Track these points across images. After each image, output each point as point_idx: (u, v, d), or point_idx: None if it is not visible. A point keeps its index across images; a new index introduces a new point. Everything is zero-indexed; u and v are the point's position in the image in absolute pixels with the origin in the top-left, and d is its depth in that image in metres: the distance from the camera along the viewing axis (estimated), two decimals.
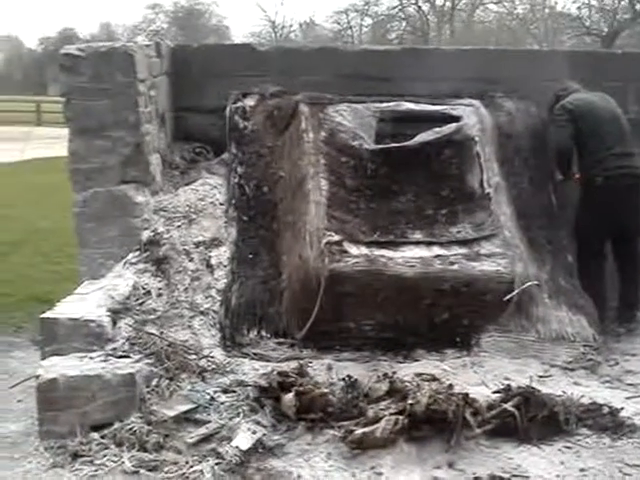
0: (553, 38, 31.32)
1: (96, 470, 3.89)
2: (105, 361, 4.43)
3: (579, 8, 30.67)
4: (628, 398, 4.87)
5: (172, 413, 4.25)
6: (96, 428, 4.11)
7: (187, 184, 6.34)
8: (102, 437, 4.06)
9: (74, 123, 5.79)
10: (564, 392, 4.70)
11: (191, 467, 3.86)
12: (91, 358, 4.47)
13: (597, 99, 6.43)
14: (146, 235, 5.75)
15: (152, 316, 5.15)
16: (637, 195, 6.26)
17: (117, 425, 4.11)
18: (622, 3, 28.77)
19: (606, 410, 4.52)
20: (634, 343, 6.00)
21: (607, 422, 4.42)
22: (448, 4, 35.36)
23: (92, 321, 4.77)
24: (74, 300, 5.15)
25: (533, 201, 6.20)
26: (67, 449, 4.01)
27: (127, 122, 5.75)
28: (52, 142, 18.23)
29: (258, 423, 4.23)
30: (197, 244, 5.80)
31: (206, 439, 4.11)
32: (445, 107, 6.42)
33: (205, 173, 6.46)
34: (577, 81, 6.61)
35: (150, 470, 3.87)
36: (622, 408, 4.57)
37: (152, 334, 4.90)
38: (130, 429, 4.07)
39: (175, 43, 7.22)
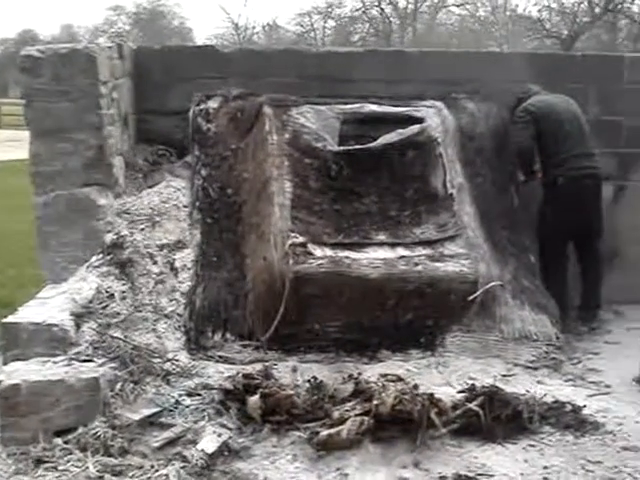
0: (514, 40, 31.58)
1: (59, 476, 3.83)
2: (68, 365, 4.37)
3: (539, 11, 30.98)
4: (590, 396, 4.93)
5: (137, 417, 4.21)
6: (59, 433, 4.05)
7: (150, 187, 6.30)
8: (66, 442, 4.00)
9: (35, 125, 5.72)
10: (528, 391, 4.74)
11: (156, 471, 3.82)
12: (54, 363, 4.41)
13: (558, 101, 6.50)
14: (109, 238, 5.70)
15: (116, 320, 5.10)
16: (598, 196, 6.35)
17: (81, 430, 4.05)
18: (581, 6, 29.12)
19: (569, 408, 4.57)
20: (596, 342, 6.09)
21: (570, 420, 4.47)
22: (411, 6, 35.52)
23: (55, 325, 4.71)
24: (36, 304, 5.08)
25: (496, 202, 6.25)
26: (30, 455, 3.94)
27: (89, 124, 5.70)
28: (12, 145, 18.02)
29: (223, 426, 4.22)
30: (161, 247, 5.77)
31: (171, 443, 4.08)
32: (408, 109, 6.45)
33: (168, 176, 6.42)
34: (538, 83, 6.69)
35: (115, 475, 3.82)
36: (584, 406, 4.63)
37: (116, 338, 4.86)
38: (94, 434, 4.02)
39: (137, 45, 7.17)
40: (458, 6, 36.92)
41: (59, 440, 4.01)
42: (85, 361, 4.48)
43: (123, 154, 6.25)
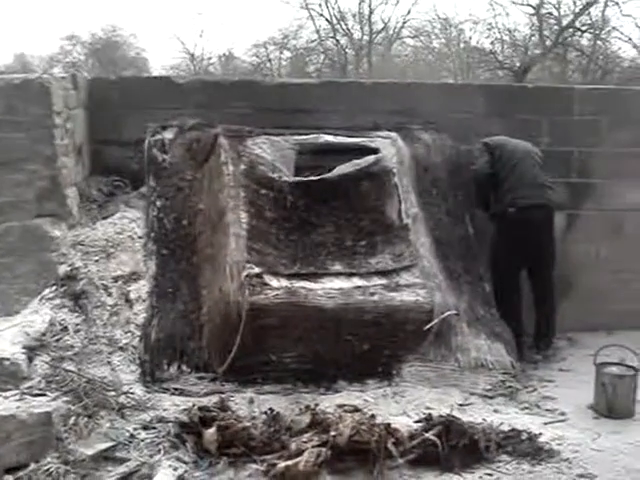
0: (468, 72, 32.00)
1: None
2: (20, 400, 4.31)
3: (492, 43, 31.43)
4: (546, 423, 4.97)
5: (91, 452, 4.15)
6: (10, 470, 3.97)
7: (105, 218, 6.26)
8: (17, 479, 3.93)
9: None
10: (484, 420, 4.78)
11: None
12: (5, 397, 4.35)
13: (514, 140, 6.62)
14: (63, 270, 5.64)
15: (70, 352, 5.03)
16: (549, 226, 6.43)
17: (33, 466, 3.98)
18: (533, 39, 29.65)
19: (525, 436, 4.61)
20: (551, 369, 6.15)
21: (526, 448, 4.51)
22: (366, 38, 35.82)
23: (6, 359, 4.64)
24: None
25: (451, 231, 6.31)
26: None
27: (42, 155, 5.66)
28: None
29: (179, 459, 4.18)
30: (115, 278, 5.72)
31: (126, 478, 4.03)
32: (363, 139, 6.50)
33: (123, 206, 6.38)
34: (492, 114, 6.80)
35: None
36: (540, 433, 4.67)
37: (70, 371, 4.79)
38: (46, 470, 3.95)
39: (92, 75, 7.15)
40: (412, 38, 37.37)
41: (10, 477, 3.94)
42: (37, 395, 4.42)
43: (77, 185, 6.20)
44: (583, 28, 28.25)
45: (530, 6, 28.68)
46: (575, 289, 7.06)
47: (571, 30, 28.17)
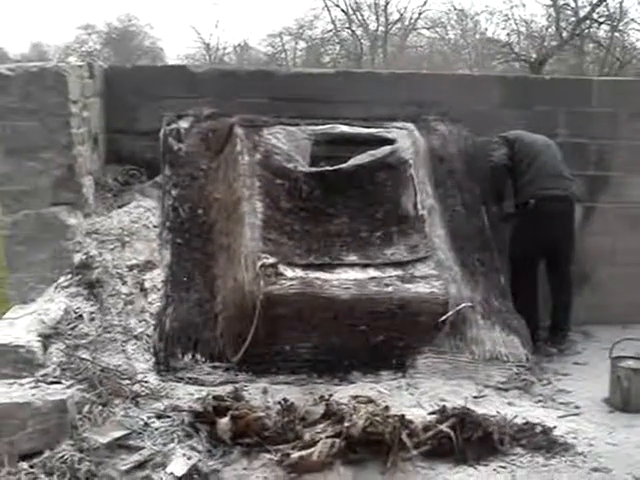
0: (483, 63, 31.86)
1: None
2: (35, 387, 4.31)
3: (508, 35, 31.29)
4: (561, 417, 4.96)
5: (105, 440, 4.15)
6: (25, 457, 3.97)
7: (120, 206, 6.26)
8: (31, 467, 3.92)
9: (3, 144, 5.66)
10: (498, 412, 4.76)
11: None
12: (21, 385, 4.35)
13: (533, 134, 6.58)
14: (78, 258, 5.65)
15: (84, 341, 5.05)
16: (570, 218, 6.40)
17: (47, 454, 3.98)
18: (549, 30, 29.48)
19: (539, 429, 4.59)
20: (566, 363, 6.12)
21: (540, 441, 4.49)
22: (382, 29, 35.72)
23: (22, 347, 4.66)
24: (3, 325, 5.02)
25: (466, 223, 6.27)
26: None
27: (59, 143, 5.66)
28: None
29: (193, 448, 4.17)
30: (130, 267, 5.73)
31: (140, 466, 4.02)
32: (379, 130, 6.48)
33: (138, 195, 6.38)
34: (508, 105, 6.77)
35: None
36: (555, 427, 4.65)
37: (84, 359, 4.80)
38: (61, 457, 3.95)
39: (108, 64, 7.14)
40: (428, 29, 37.25)
41: (25, 464, 3.93)
42: (52, 383, 4.42)
43: (93, 174, 6.21)
44: (600, 19, 28.05)
45: None
46: (591, 282, 7.04)
47: (588, 21, 27.98)
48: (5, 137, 5.65)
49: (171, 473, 3.91)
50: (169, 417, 4.47)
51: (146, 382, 4.88)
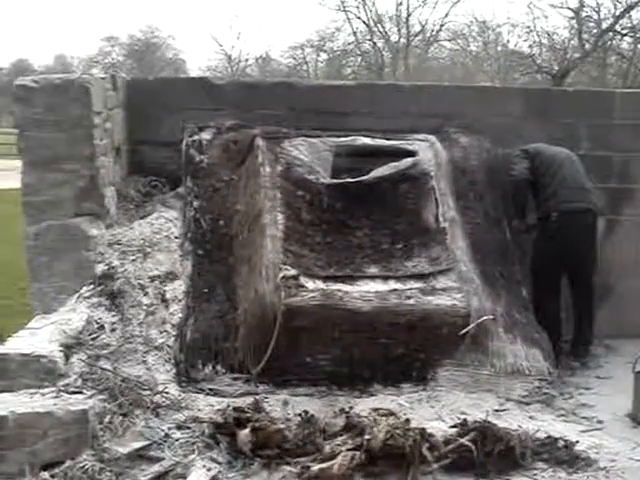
0: (505, 75, 31.82)
1: None
2: (57, 397, 4.33)
3: (530, 47, 31.25)
4: (583, 431, 4.91)
5: (125, 450, 4.17)
6: (46, 467, 4.00)
7: (142, 217, 6.29)
8: (52, 476, 3.94)
9: (27, 155, 5.72)
10: (520, 426, 4.72)
11: None
12: (42, 394, 4.37)
13: (554, 146, 6.56)
14: (100, 269, 5.68)
15: (106, 351, 5.07)
16: (592, 231, 6.37)
17: (68, 463, 4.00)
18: (572, 42, 29.41)
19: (561, 444, 4.55)
20: (588, 376, 6.07)
21: (563, 456, 4.45)
22: (403, 40, 35.77)
23: (44, 356, 4.67)
24: (25, 335, 5.04)
25: (488, 235, 6.25)
26: None
27: (82, 155, 5.70)
28: (4, 174, 17.96)
29: (213, 460, 4.18)
30: (152, 278, 5.74)
31: (160, 477, 4.04)
32: (401, 142, 6.48)
33: (160, 206, 6.41)
34: (530, 118, 6.75)
35: None
36: (577, 441, 4.60)
37: (105, 369, 4.82)
38: (82, 467, 3.97)
39: (131, 76, 7.19)
40: (450, 41, 37.26)
41: (46, 474, 3.96)
42: (74, 393, 4.44)
43: (115, 184, 6.25)
44: (623, 31, 27.94)
45: (569, 9, 28.42)
46: (613, 295, 6.99)
47: (611, 33, 27.88)
48: (29, 148, 5.71)
49: None
50: (189, 428, 4.48)
51: (167, 393, 4.89)
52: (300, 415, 4.55)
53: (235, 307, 5.60)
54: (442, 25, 36.25)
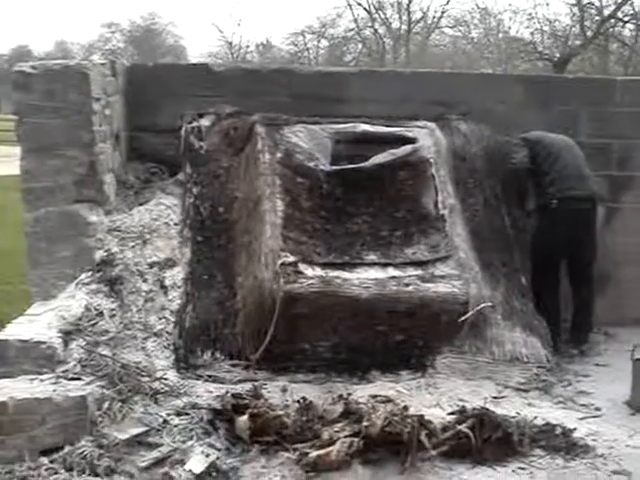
0: (507, 62, 31.77)
1: None
2: (56, 383, 4.34)
3: (532, 34, 31.26)
4: (581, 419, 4.92)
5: (124, 436, 4.17)
6: (45, 452, 4.01)
7: (141, 204, 6.28)
8: (51, 462, 3.95)
9: (26, 142, 5.70)
10: (518, 413, 4.73)
11: None
12: (41, 380, 4.38)
13: (553, 134, 6.55)
14: (99, 255, 5.68)
15: (105, 337, 5.07)
16: (592, 219, 6.36)
17: (67, 449, 4.01)
18: (573, 30, 29.36)
19: (559, 431, 4.56)
20: (587, 364, 6.07)
21: (560, 443, 4.45)
22: (404, 27, 35.71)
23: (43, 343, 4.68)
24: (24, 321, 5.05)
25: (487, 222, 6.24)
26: (15, 474, 3.88)
27: (81, 141, 5.68)
28: (3, 160, 17.95)
29: (212, 446, 4.19)
30: (151, 265, 5.74)
31: (159, 463, 4.04)
32: (400, 129, 6.46)
33: (160, 193, 6.40)
34: (531, 105, 6.73)
35: None
36: (575, 429, 4.62)
37: (104, 356, 4.82)
38: (81, 453, 3.98)
39: (131, 62, 7.17)
40: (451, 28, 37.21)
41: (45, 459, 3.96)
42: (73, 379, 4.45)
43: (114, 171, 6.23)
44: (625, 18, 27.89)
45: None
46: (613, 283, 6.98)
47: (613, 20, 27.82)
48: (28, 134, 5.69)
49: (189, 470, 3.93)
50: (188, 414, 4.49)
51: (166, 379, 4.89)
52: (298, 402, 4.55)
53: (234, 294, 5.60)
54: (443, 12, 36.26)
